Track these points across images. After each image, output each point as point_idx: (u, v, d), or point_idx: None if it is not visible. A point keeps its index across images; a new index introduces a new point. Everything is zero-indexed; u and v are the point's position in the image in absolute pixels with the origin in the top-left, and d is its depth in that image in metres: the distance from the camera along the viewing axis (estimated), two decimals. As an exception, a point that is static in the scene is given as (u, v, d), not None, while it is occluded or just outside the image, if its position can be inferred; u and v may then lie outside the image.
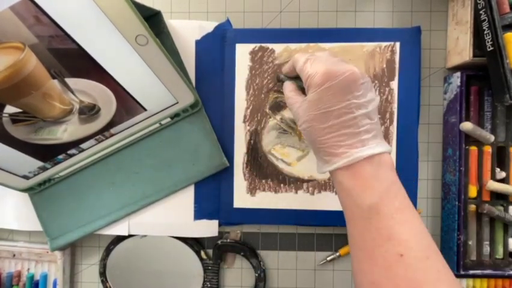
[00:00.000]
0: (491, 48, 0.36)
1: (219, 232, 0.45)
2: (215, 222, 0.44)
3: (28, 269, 0.46)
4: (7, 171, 0.40)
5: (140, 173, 0.44)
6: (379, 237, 0.27)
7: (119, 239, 0.45)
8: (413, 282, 0.25)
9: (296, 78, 0.36)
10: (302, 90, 0.35)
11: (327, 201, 0.43)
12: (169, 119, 0.43)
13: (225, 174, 0.43)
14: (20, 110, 0.35)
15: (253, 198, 0.43)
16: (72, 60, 0.33)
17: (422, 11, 0.43)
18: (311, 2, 0.44)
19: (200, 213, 0.44)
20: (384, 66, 0.41)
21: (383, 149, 0.28)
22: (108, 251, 0.45)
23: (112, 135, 0.42)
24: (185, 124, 0.43)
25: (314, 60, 0.31)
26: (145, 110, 0.40)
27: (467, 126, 0.39)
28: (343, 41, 0.42)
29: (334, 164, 0.29)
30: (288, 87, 0.36)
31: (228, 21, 0.44)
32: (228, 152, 0.43)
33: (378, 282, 0.26)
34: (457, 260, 0.41)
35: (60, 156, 0.42)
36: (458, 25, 0.41)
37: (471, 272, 0.41)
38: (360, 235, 0.28)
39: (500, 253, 0.42)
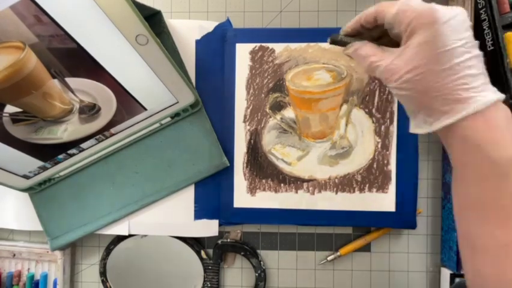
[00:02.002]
0: (492, 48, 0.36)
1: (219, 232, 0.45)
2: (215, 222, 0.44)
3: (28, 269, 0.46)
4: (7, 171, 0.40)
5: (140, 173, 0.44)
6: None
7: (120, 238, 0.45)
8: None
9: (360, 36, 0.32)
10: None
11: (327, 201, 0.43)
12: (169, 119, 0.43)
13: (225, 174, 0.43)
14: (20, 110, 0.35)
15: (253, 198, 0.43)
16: (72, 59, 0.33)
17: (422, 10, 0.43)
18: (311, 2, 0.44)
19: (200, 213, 0.44)
20: (384, 65, 0.41)
21: (502, 95, 0.25)
22: (108, 250, 0.45)
23: (112, 134, 0.42)
24: (186, 124, 0.43)
25: (410, 1, 0.27)
26: (145, 109, 0.40)
27: (467, 125, 0.39)
28: (343, 41, 0.42)
29: (460, 113, 0.25)
30: (365, 46, 0.30)
31: (228, 21, 0.44)
32: (228, 151, 0.43)
33: None
34: (457, 259, 0.41)
35: (61, 156, 0.42)
36: (458, 25, 0.41)
37: (471, 271, 0.41)
38: (492, 195, 0.25)
39: (500, 253, 0.42)
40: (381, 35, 0.31)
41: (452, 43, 0.25)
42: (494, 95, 0.25)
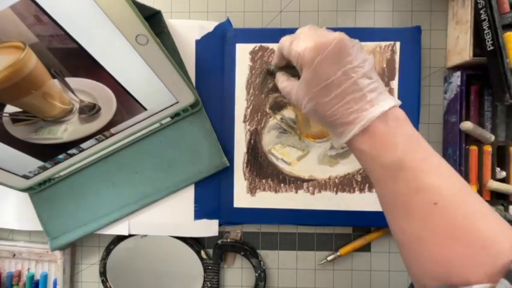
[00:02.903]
0: (491, 48, 0.36)
1: (219, 232, 0.45)
2: (215, 222, 0.44)
3: (28, 269, 0.46)
4: (7, 171, 0.40)
5: (140, 173, 0.44)
6: (409, 191, 0.26)
7: (120, 238, 0.45)
8: (453, 227, 0.24)
9: (286, 67, 0.36)
10: (295, 78, 0.35)
11: (327, 201, 0.43)
12: (169, 119, 0.43)
13: (225, 174, 0.43)
14: (20, 110, 0.35)
15: (253, 198, 0.43)
16: (72, 59, 0.33)
17: (422, 10, 0.43)
18: (311, 2, 0.44)
19: (200, 213, 0.44)
20: (385, 65, 0.41)
21: (392, 103, 0.28)
22: (108, 250, 0.45)
23: (112, 134, 0.42)
24: (186, 124, 0.43)
25: (299, 39, 0.31)
26: (145, 109, 0.40)
27: (467, 125, 0.39)
28: (343, 41, 0.42)
29: (349, 133, 0.28)
30: (281, 77, 0.36)
31: (228, 21, 0.44)
32: (228, 151, 0.43)
33: (419, 235, 0.26)
34: (457, 259, 0.41)
35: (61, 156, 0.42)
36: (458, 25, 0.41)
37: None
38: (391, 194, 0.27)
39: (500, 253, 0.42)
40: None
41: (330, 76, 0.28)
42: (382, 108, 0.27)
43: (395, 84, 0.41)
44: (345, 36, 0.29)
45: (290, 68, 0.36)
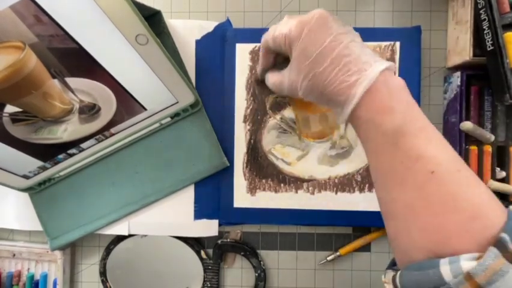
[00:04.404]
0: (491, 48, 0.36)
1: (219, 232, 0.45)
2: (215, 222, 0.44)
3: (28, 269, 0.46)
4: (7, 171, 0.40)
5: (140, 173, 0.44)
6: (408, 159, 0.26)
7: (119, 238, 0.45)
8: (447, 195, 0.24)
9: (272, 67, 0.37)
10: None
11: (327, 201, 0.43)
12: (169, 119, 0.43)
13: (225, 174, 0.43)
14: (20, 110, 0.35)
15: (253, 198, 0.43)
16: (72, 59, 0.33)
17: (422, 10, 0.43)
18: (311, 2, 0.44)
19: (200, 213, 0.44)
20: (384, 65, 0.41)
21: (388, 64, 0.28)
22: (108, 250, 0.45)
23: (112, 134, 0.42)
24: (186, 124, 0.43)
25: (280, 24, 0.31)
26: (145, 109, 0.40)
27: (467, 125, 0.39)
28: (343, 41, 0.41)
29: (354, 98, 0.27)
30: (270, 74, 0.35)
31: (228, 21, 0.44)
32: (228, 152, 0.43)
33: (412, 204, 0.26)
34: (457, 259, 0.41)
35: (61, 156, 0.42)
36: (458, 25, 0.41)
37: (471, 271, 0.41)
38: (388, 163, 0.27)
39: (500, 253, 0.42)
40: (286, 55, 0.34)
41: (322, 42, 0.28)
42: (379, 66, 0.27)
43: (395, 84, 0.41)
44: (324, 10, 0.29)
45: (277, 66, 0.36)
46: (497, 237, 0.22)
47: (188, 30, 0.43)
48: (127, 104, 0.39)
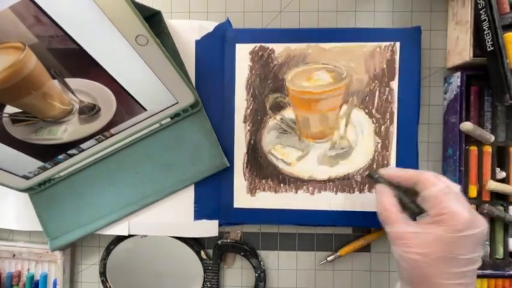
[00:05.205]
0: (491, 48, 0.36)
1: (219, 232, 0.45)
2: (215, 222, 0.44)
3: (28, 269, 0.46)
4: (7, 171, 0.40)
5: (140, 173, 0.44)
6: None
7: (119, 239, 0.45)
8: None
9: (397, 187, 0.34)
10: (408, 211, 0.33)
11: (327, 201, 0.43)
12: (169, 119, 0.43)
13: (225, 174, 0.43)
14: (20, 110, 0.35)
15: (253, 198, 0.43)
16: (72, 60, 0.33)
17: (422, 11, 0.43)
18: (311, 2, 0.44)
19: (200, 213, 0.44)
20: (384, 66, 0.41)
21: None
22: (108, 251, 0.45)
23: (112, 135, 0.41)
24: (186, 124, 0.43)
25: (453, 196, 0.30)
26: (145, 110, 0.40)
27: (467, 126, 0.39)
28: (343, 41, 0.42)
29: None
30: (387, 195, 0.33)
31: (228, 21, 0.44)
32: (228, 152, 0.43)
33: None
34: (457, 260, 0.41)
35: (61, 156, 0.42)
36: (458, 25, 0.41)
37: (471, 272, 0.41)
38: None
39: (500, 253, 0.42)
40: (412, 190, 0.33)
41: (465, 254, 0.28)
42: None
43: (395, 84, 0.41)
44: (487, 227, 0.30)
45: (403, 194, 0.34)
46: None
47: (188, 31, 0.43)
48: (127, 105, 0.39)
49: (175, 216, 0.44)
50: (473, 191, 0.41)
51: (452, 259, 0.28)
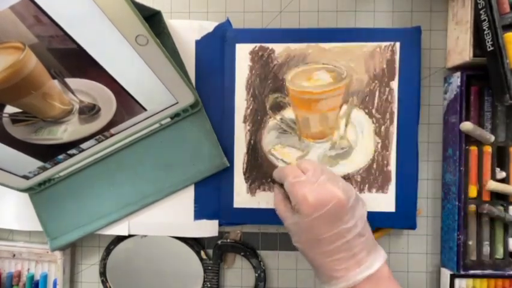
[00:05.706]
0: (491, 48, 0.36)
1: (219, 232, 0.45)
2: (215, 222, 0.44)
3: (28, 269, 0.46)
4: (7, 171, 0.40)
5: (140, 173, 0.44)
6: None
7: (119, 239, 0.45)
8: None
9: (282, 185, 0.37)
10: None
11: (327, 201, 0.43)
12: (169, 119, 0.43)
13: (225, 174, 0.43)
14: (20, 110, 0.35)
15: (253, 198, 0.43)
16: (72, 60, 0.33)
17: (422, 11, 0.43)
18: (311, 2, 0.44)
19: (200, 213, 0.44)
20: (384, 66, 0.41)
21: (379, 263, 0.30)
22: (108, 251, 0.45)
23: (112, 135, 0.41)
24: (186, 124, 0.43)
25: (301, 184, 0.32)
26: (145, 110, 0.40)
27: (467, 126, 0.39)
28: (343, 41, 0.42)
29: (334, 286, 0.31)
30: (277, 195, 0.37)
31: (228, 21, 0.44)
32: (228, 152, 0.43)
33: None
34: (457, 260, 0.41)
35: (61, 156, 0.42)
36: (458, 25, 0.41)
37: (471, 272, 0.41)
38: None
39: (500, 253, 0.42)
40: None
41: (324, 233, 0.30)
42: (366, 271, 0.30)
43: (394, 84, 0.41)
44: (343, 196, 0.30)
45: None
46: None
47: (188, 31, 0.43)
48: (127, 105, 0.39)
49: (175, 216, 0.44)
50: (473, 191, 0.41)
51: (319, 240, 0.31)
